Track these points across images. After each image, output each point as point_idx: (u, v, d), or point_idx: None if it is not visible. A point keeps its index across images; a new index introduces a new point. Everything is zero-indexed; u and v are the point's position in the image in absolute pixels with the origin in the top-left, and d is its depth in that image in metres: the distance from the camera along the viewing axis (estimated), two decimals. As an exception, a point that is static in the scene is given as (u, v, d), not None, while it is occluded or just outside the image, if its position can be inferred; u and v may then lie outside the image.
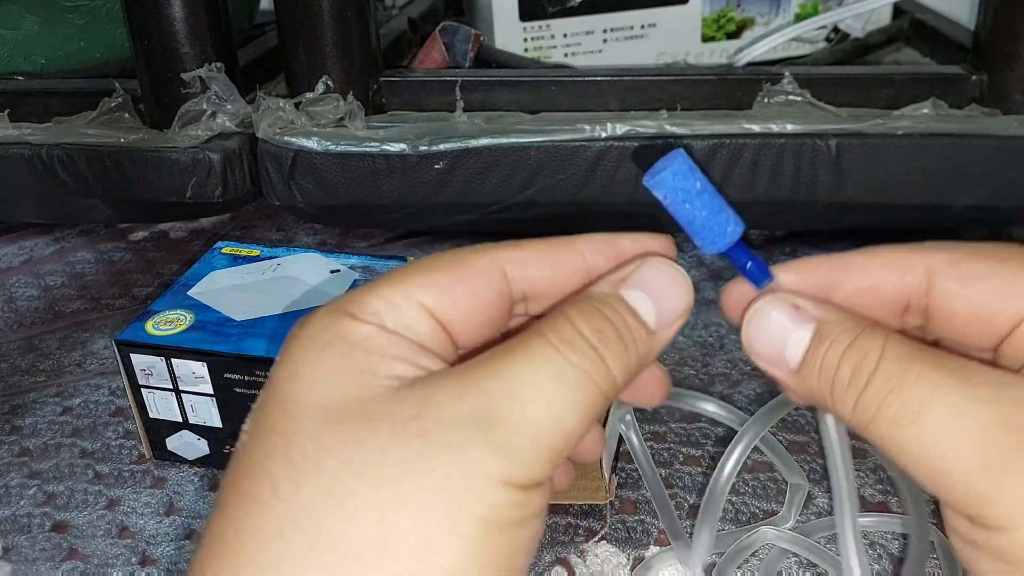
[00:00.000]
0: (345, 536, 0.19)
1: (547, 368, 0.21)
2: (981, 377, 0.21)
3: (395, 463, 0.20)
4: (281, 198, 0.57)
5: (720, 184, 0.55)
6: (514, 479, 0.20)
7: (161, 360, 0.44)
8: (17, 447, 0.49)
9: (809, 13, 0.71)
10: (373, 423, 0.20)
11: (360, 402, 0.21)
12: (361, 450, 0.20)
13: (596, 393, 0.22)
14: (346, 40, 0.56)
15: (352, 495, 0.20)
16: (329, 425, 0.21)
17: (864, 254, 0.24)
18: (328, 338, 0.22)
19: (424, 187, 0.56)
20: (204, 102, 0.57)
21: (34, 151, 0.58)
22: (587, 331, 0.22)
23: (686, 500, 0.44)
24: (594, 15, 0.69)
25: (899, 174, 0.54)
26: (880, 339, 0.22)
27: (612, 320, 0.22)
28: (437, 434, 0.20)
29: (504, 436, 0.20)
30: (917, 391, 0.21)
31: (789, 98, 0.56)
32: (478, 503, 0.20)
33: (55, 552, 0.42)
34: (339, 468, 0.20)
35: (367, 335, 0.22)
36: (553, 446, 0.21)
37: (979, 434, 0.20)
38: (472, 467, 0.20)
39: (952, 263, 0.23)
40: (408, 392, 0.21)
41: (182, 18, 0.55)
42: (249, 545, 0.20)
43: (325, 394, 0.21)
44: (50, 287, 0.66)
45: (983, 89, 0.56)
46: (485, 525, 0.20)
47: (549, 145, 0.55)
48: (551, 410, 0.21)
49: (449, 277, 0.23)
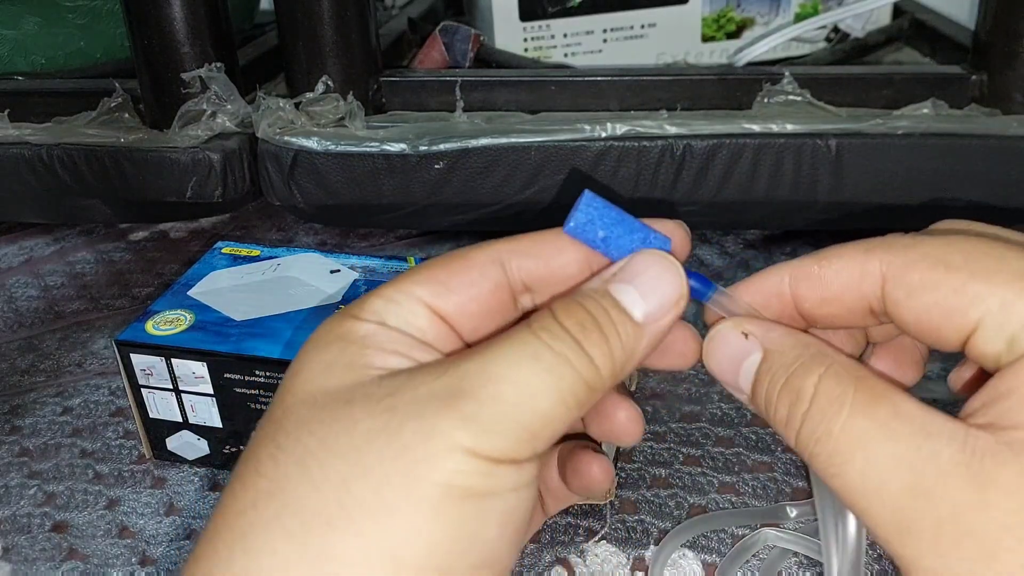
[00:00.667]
0: (309, 503, 0.20)
1: (524, 351, 0.22)
2: (906, 428, 0.20)
3: (362, 435, 0.21)
4: (281, 198, 0.57)
5: (720, 184, 0.55)
6: (479, 449, 0.20)
7: (161, 360, 0.44)
8: (17, 447, 0.49)
9: (809, 13, 0.71)
10: (351, 403, 0.21)
11: (346, 388, 0.22)
12: (335, 426, 0.21)
13: (575, 379, 0.22)
14: (346, 40, 0.56)
15: (320, 466, 0.21)
16: (314, 409, 0.22)
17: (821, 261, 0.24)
18: (330, 337, 0.23)
19: (424, 187, 0.56)
20: (204, 102, 0.57)
21: (34, 151, 0.58)
22: (568, 323, 0.22)
23: (686, 500, 0.44)
24: (594, 15, 0.69)
25: (899, 174, 0.54)
26: (815, 376, 0.22)
27: (594, 313, 0.23)
28: (406, 408, 0.21)
29: (472, 408, 0.21)
30: (842, 443, 0.21)
31: (789, 98, 0.56)
32: (438, 469, 0.20)
33: (55, 552, 0.42)
34: (314, 444, 0.21)
35: (366, 332, 0.23)
36: (525, 424, 0.21)
37: (891, 498, 0.20)
38: (434, 435, 0.20)
39: (903, 269, 0.22)
40: (391, 377, 0.22)
41: (182, 18, 0.55)
42: (228, 518, 0.21)
43: (317, 384, 0.22)
44: (50, 287, 0.66)
45: (983, 89, 0.56)
46: (445, 491, 0.20)
47: (549, 145, 0.55)
48: (524, 388, 0.21)
49: (446, 272, 0.24)
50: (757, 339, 0.24)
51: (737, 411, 0.49)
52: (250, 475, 0.21)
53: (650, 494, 0.44)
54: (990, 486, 0.19)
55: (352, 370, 0.22)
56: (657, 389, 0.51)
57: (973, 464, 0.19)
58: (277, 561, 0.20)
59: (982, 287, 0.21)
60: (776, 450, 0.46)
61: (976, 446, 0.20)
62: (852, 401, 0.21)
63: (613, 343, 0.23)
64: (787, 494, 0.44)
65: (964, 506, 0.19)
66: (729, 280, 0.63)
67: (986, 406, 0.20)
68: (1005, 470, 0.19)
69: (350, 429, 0.21)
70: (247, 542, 0.20)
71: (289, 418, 0.22)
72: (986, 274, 0.21)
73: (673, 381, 0.52)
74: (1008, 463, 0.19)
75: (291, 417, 0.22)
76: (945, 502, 0.19)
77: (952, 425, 0.20)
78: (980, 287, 0.21)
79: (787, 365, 0.23)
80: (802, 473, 0.45)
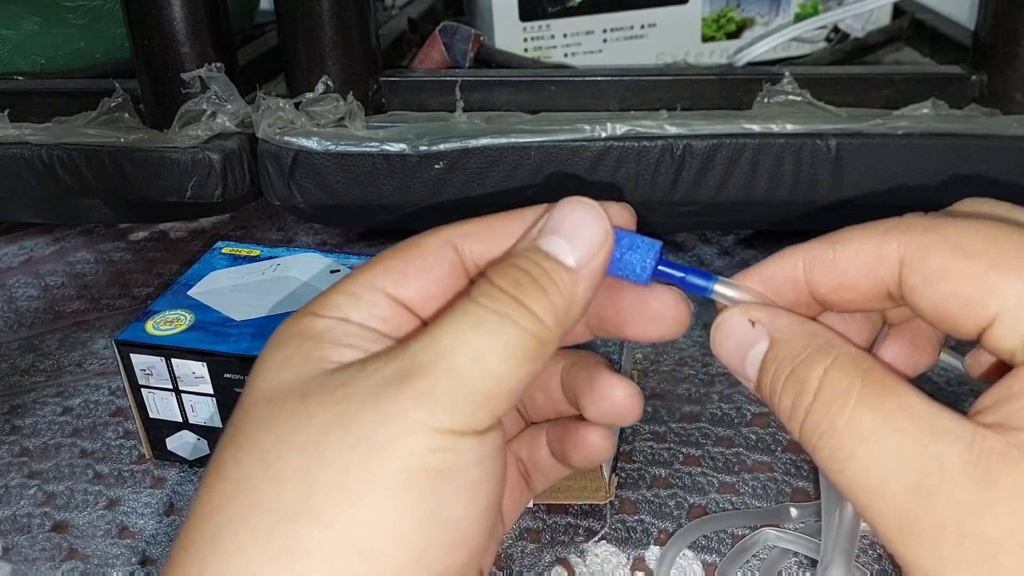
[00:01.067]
0: (273, 499, 0.20)
1: (466, 319, 0.22)
2: (912, 424, 0.20)
3: (318, 427, 0.21)
4: (281, 198, 0.57)
5: (720, 184, 0.55)
6: (438, 424, 0.20)
7: (161, 360, 0.44)
8: (17, 447, 0.49)
9: (809, 13, 0.71)
10: (305, 397, 0.21)
11: (300, 382, 0.22)
12: (292, 421, 0.21)
13: (521, 335, 0.22)
14: (346, 40, 0.56)
15: (281, 461, 0.21)
16: (270, 406, 0.22)
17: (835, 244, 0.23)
18: (286, 336, 0.24)
19: (424, 187, 0.56)
20: (204, 102, 0.57)
21: (34, 151, 0.58)
22: (504, 283, 0.22)
23: (686, 500, 0.44)
24: (594, 15, 0.69)
25: (899, 174, 0.54)
26: (821, 368, 0.22)
27: (527, 269, 0.23)
28: (360, 396, 0.21)
29: (425, 384, 0.21)
30: (846, 438, 0.20)
31: (789, 98, 0.56)
32: (397, 452, 0.20)
33: (55, 552, 0.42)
34: (272, 440, 0.21)
35: (323, 328, 0.23)
36: (480, 389, 0.21)
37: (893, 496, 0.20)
38: (390, 418, 0.20)
39: (921, 253, 0.22)
40: (344, 369, 0.22)
41: (182, 18, 0.55)
42: (197, 522, 0.21)
43: (273, 382, 0.23)
44: (50, 287, 0.66)
45: (983, 89, 0.56)
46: (406, 474, 0.20)
47: (549, 145, 0.55)
48: (472, 355, 0.21)
49: (403, 261, 0.25)
50: (764, 327, 0.24)
51: (737, 411, 0.49)
52: (214, 479, 0.22)
53: (650, 494, 0.44)
54: (995, 488, 0.19)
55: (307, 365, 0.22)
56: (657, 389, 0.51)
57: (979, 465, 0.19)
58: (245, 559, 0.20)
59: (1001, 279, 0.20)
60: (776, 450, 0.46)
61: (983, 447, 0.19)
62: (858, 394, 0.21)
63: (551, 292, 0.23)
64: (787, 494, 0.44)
65: (967, 508, 0.19)
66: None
67: (997, 404, 0.20)
68: (1012, 472, 0.19)
69: (306, 423, 0.21)
70: (216, 543, 0.21)
71: (247, 419, 0.22)
72: (1006, 266, 0.20)
73: (673, 381, 0.52)
74: (1015, 465, 0.19)
75: (248, 417, 0.22)
76: (948, 503, 0.19)
77: (960, 424, 0.20)
78: (999, 279, 0.20)
79: (793, 355, 0.22)
80: (802, 473, 0.45)
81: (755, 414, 0.49)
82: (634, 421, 0.27)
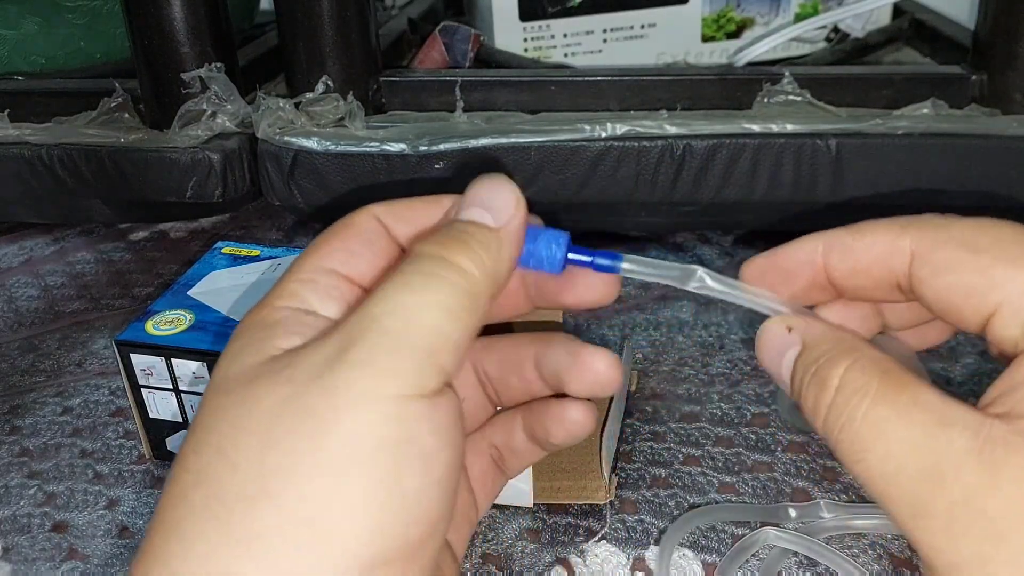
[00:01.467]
0: (230, 484, 0.21)
1: (395, 284, 0.22)
2: (924, 416, 0.21)
3: (267, 409, 0.21)
4: (281, 198, 0.57)
5: (720, 184, 0.55)
6: (385, 391, 0.20)
7: (161, 360, 0.44)
8: (17, 447, 0.49)
9: (809, 13, 0.71)
10: (253, 382, 0.22)
11: (250, 369, 0.22)
12: (243, 407, 0.22)
13: (451, 288, 0.22)
14: (346, 40, 0.56)
15: (235, 447, 0.21)
16: (222, 395, 0.22)
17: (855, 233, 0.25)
18: (244, 327, 0.24)
19: (424, 187, 0.56)
20: (204, 102, 0.57)
21: (34, 151, 0.58)
22: (429, 248, 0.23)
23: (686, 500, 0.44)
24: (594, 15, 0.69)
25: (899, 174, 0.54)
26: (842, 367, 0.23)
27: (450, 234, 0.24)
28: (304, 374, 0.21)
29: (364, 352, 0.21)
30: (863, 431, 0.22)
31: (789, 98, 0.56)
32: (344, 426, 0.20)
33: (55, 552, 0.42)
34: (226, 427, 0.22)
35: (278, 318, 0.24)
36: (420, 345, 0.21)
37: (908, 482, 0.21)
38: (335, 391, 0.20)
39: (931, 247, 0.23)
40: (290, 352, 0.22)
41: (182, 18, 0.55)
42: (163, 513, 0.22)
43: (226, 372, 0.23)
44: (50, 287, 0.66)
45: (983, 89, 0.56)
46: (354, 447, 0.20)
47: (549, 145, 0.55)
48: (404, 314, 0.21)
49: (342, 239, 0.26)
50: (799, 333, 0.25)
51: (737, 411, 0.49)
52: (178, 471, 0.22)
53: (650, 494, 0.44)
54: (1001, 473, 0.20)
55: (258, 354, 0.23)
56: (657, 389, 0.51)
57: (985, 451, 0.20)
58: (208, 546, 0.20)
59: (1005, 271, 0.22)
60: (776, 450, 0.46)
61: (990, 434, 0.20)
62: (875, 391, 0.22)
63: (476, 247, 0.23)
64: (787, 494, 0.44)
65: (976, 491, 0.20)
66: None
67: (1003, 395, 0.21)
68: (1016, 457, 0.20)
69: (255, 407, 0.21)
70: (181, 531, 0.21)
71: (204, 411, 0.23)
72: (1011, 259, 0.22)
73: (673, 381, 0.52)
74: (1018, 451, 0.20)
75: (205, 409, 0.23)
76: (958, 487, 0.20)
77: (969, 414, 0.21)
78: (1002, 271, 0.22)
79: (819, 357, 0.24)
80: (802, 473, 0.45)
81: (755, 414, 0.49)
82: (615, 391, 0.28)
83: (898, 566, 0.39)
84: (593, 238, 0.67)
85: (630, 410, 0.49)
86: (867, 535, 0.41)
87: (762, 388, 0.51)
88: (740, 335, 0.55)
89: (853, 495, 0.43)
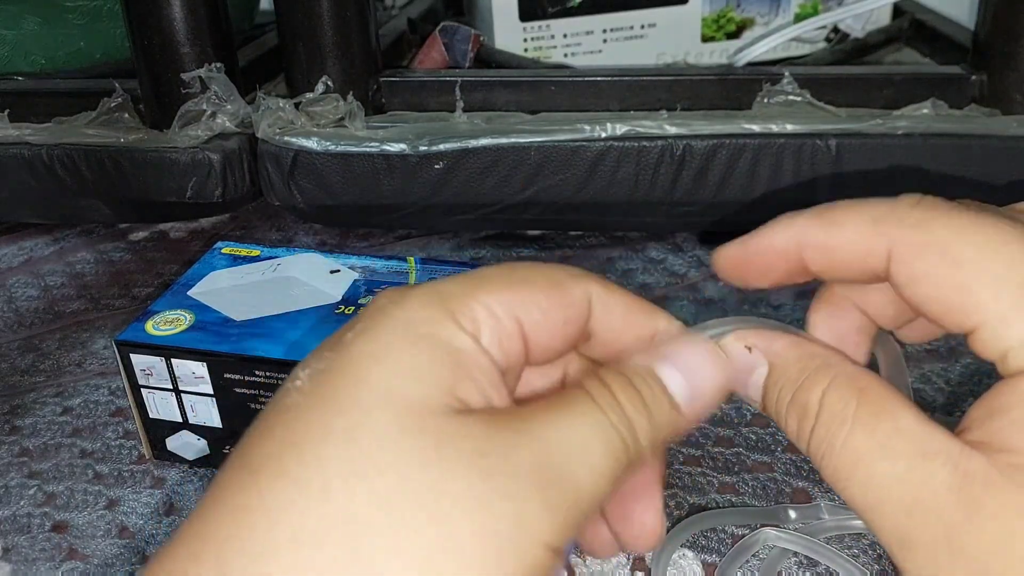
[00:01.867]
0: (370, 532, 0.18)
1: (591, 424, 0.20)
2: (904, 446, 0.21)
3: (451, 495, 0.18)
4: (281, 198, 0.57)
5: (720, 184, 0.55)
6: (555, 543, 0.19)
7: (161, 360, 0.44)
8: (17, 447, 0.49)
9: (809, 13, 0.71)
10: (440, 446, 0.19)
11: (435, 420, 0.19)
12: (424, 471, 0.19)
13: (623, 454, 0.21)
14: (346, 40, 0.56)
15: (403, 503, 0.18)
16: (400, 430, 0.19)
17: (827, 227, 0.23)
18: (425, 331, 0.20)
19: (424, 187, 0.56)
20: (204, 102, 0.57)
21: (34, 151, 0.58)
22: (623, 398, 0.21)
23: (686, 500, 0.44)
24: (594, 15, 0.69)
25: (899, 174, 0.54)
26: (819, 391, 0.22)
27: (643, 393, 0.22)
28: (499, 480, 0.19)
29: (557, 498, 0.19)
30: (844, 459, 0.21)
31: (789, 98, 0.56)
32: (518, 560, 0.19)
33: (55, 552, 0.42)
34: (394, 481, 0.18)
35: (462, 347, 0.21)
36: (587, 510, 0.20)
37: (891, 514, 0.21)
38: (523, 523, 0.19)
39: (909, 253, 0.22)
40: (473, 425, 0.20)
41: (182, 18, 0.55)
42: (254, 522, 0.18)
43: (402, 391, 0.19)
44: (50, 287, 0.66)
45: (983, 89, 0.56)
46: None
47: (549, 145, 0.55)
48: (592, 467, 0.20)
49: (546, 297, 0.22)
50: (760, 352, 0.24)
51: (737, 411, 0.49)
52: (315, 480, 0.18)
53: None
54: (980, 512, 0.19)
55: (441, 393, 0.20)
56: (657, 389, 0.51)
57: (964, 489, 0.20)
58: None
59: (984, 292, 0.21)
60: (776, 450, 0.46)
61: (968, 469, 0.20)
62: (853, 417, 0.21)
63: (655, 423, 0.22)
64: (787, 494, 0.44)
65: (956, 529, 0.20)
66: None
67: (982, 420, 0.21)
68: (994, 497, 0.19)
69: (439, 484, 0.18)
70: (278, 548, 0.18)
71: (367, 426, 0.19)
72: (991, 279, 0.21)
73: (673, 381, 0.52)
74: (997, 489, 0.19)
75: (371, 426, 0.19)
76: (940, 523, 0.20)
77: (949, 444, 0.20)
78: (982, 292, 0.21)
79: (793, 380, 0.23)
80: (802, 473, 0.45)
81: (755, 414, 0.49)
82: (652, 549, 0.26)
83: (898, 566, 0.39)
84: (592, 238, 0.67)
85: (630, 410, 0.49)
86: (867, 535, 0.41)
87: (762, 388, 0.51)
88: (740, 335, 0.55)
89: (853, 495, 0.43)
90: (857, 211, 0.23)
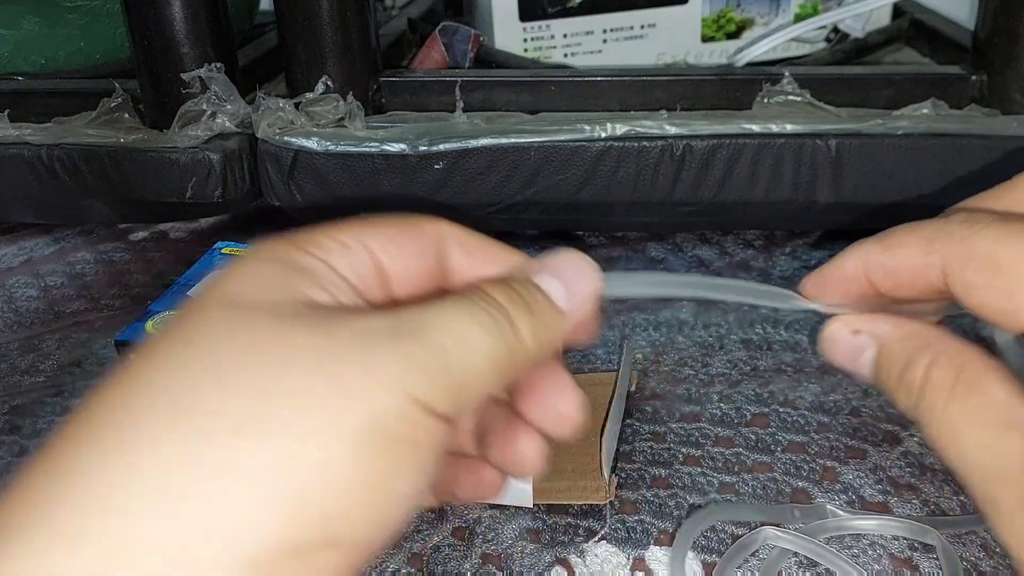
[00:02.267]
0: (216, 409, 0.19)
1: (462, 308, 0.22)
2: (992, 416, 0.23)
3: (293, 350, 0.20)
4: (281, 198, 0.57)
5: (720, 184, 0.55)
6: (416, 393, 0.20)
7: (161, 360, 0.44)
8: (17, 447, 0.49)
9: (809, 13, 0.71)
10: (281, 319, 0.20)
11: (275, 304, 0.21)
12: (264, 335, 0.20)
13: (505, 346, 0.22)
14: (346, 40, 0.56)
15: (240, 372, 0.19)
16: (237, 313, 0.20)
17: (887, 250, 0.26)
18: (269, 257, 0.22)
19: (424, 187, 0.56)
20: (204, 102, 0.57)
21: (34, 151, 0.58)
22: (500, 297, 0.23)
23: (686, 500, 0.44)
24: (594, 15, 0.69)
25: (899, 174, 0.54)
26: (922, 368, 0.24)
27: (522, 294, 0.24)
28: (345, 335, 0.20)
29: (415, 349, 0.20)
30: (941, 429, 0.24)
31: (789, 98, 0.56)
32: (370, 406, 0.19)
33: (55, 552, 0.42)
34: (236, 350, 0.20)
35: (308, 265, 0.22)
36: (459, 379, 0.21)
37: (980, 479, 0.23)
38: (375, 369, 0.20)
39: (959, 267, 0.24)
40: (328, 308, 0.21)
41: (182, 18, 0.55)
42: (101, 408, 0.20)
43: (245, 293, 0.21)
44: (50, 287, 0.66)
45: (983, 89, 0.56)
46: (371, 429, 0.19)
47: (549, 145, 0.55)
48: (462, 341, 0.21)
49: (398, 231, 0.24)
50: (867, 335, 0.26)
51: (737, 411, 0.49)
52: (145, 369, 0.20)
53: (650, 494, 0.44)
54: None
55: (284, 291, 0.21)
56: (657, 389, 0.51)
57: None
58: (160, 461, 0.18)
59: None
60: (776, 450, 0.46)
61: None
62: (951, 389, 0.23)
63: (538, 321, 0.23)
64: (787, 494, 0.44)
65: None
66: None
67: None
68: None
69: (276, 343, 0.20)
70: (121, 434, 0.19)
71: (204, 318, 0.20)
72: None
73: (673, 381, 0.52)
74: None
75: (206, 317, 0.20)
76: (1018, 491, 0.22)
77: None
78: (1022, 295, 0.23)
79: (900, 358, 0.25)
80: (802, 473, 0.45)
81: (755, 414, 0.49)
82: (573, 432, 0.26)
83: (898, 566, 0.39)
84: (592, 238, 0.67)
85: (630, 410, 0.49)
86: (867, 535, 0.41)
87: (761, 388, 0.51)
88: (740, 335, 0.55)
89: (853, 495, 0.43)
90: (913, 233, 0.26)
